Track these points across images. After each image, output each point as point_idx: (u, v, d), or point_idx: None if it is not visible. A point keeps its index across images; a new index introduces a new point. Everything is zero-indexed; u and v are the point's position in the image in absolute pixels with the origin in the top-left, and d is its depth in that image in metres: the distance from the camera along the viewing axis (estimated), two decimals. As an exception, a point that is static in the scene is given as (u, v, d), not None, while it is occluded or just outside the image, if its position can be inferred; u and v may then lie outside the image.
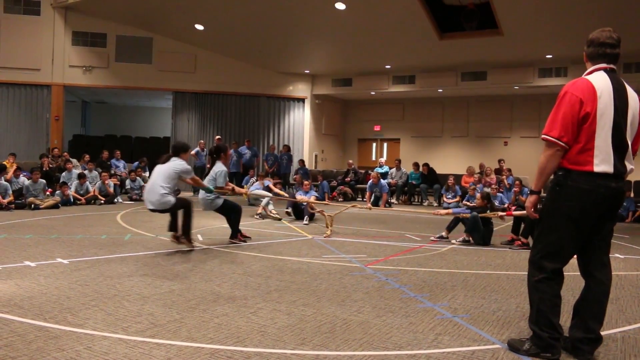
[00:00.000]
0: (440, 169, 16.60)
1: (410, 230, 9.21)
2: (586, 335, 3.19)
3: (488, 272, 5.78)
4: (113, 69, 17.76)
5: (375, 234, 8.74)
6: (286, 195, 11.71)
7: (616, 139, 3.05)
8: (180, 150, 6.55)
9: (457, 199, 13.86)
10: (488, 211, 7.66)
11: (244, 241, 7.11)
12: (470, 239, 7.71)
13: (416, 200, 16.34)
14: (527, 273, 3.30)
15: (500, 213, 7.60)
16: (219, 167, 7.07)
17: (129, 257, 6.06)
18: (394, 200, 15.76)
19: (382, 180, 14.42)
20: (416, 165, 16.06)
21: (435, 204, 14.96)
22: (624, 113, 3.09)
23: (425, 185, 15.38)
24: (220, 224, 8.78)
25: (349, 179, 16.75)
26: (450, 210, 8.18)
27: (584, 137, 3.04)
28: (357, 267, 5.82)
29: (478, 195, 8.06)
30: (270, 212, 10.56)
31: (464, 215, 7.71)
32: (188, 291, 4.59)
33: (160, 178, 6.23)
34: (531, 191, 3.27)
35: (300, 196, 10.69)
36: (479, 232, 7.60)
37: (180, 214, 6.47)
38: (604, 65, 3.18)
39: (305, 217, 10.13)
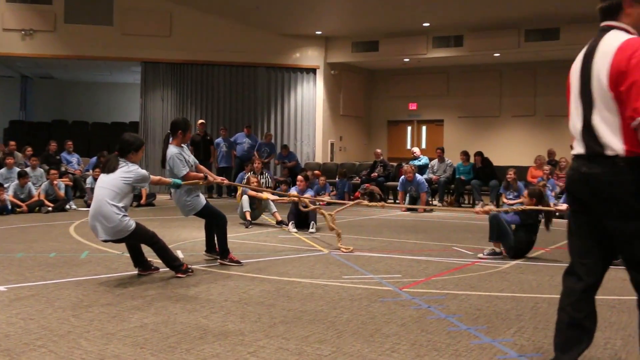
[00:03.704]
0: (498, 160, 16.52)
1: (459, 242, 9.17)
2: None
3: (565, 296, 5.74)
4: (61, 33, 17.92)
5: (413, 247, 8.71)
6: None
7: (585, 112, 3.30)
8: (129, 149, 6.26)
9: (522, 199, 13.76)
10: (541, 215, 7.65)
11: (238, 262, 7.09)
12: (500, 248, 7.79)
13: (466, 201, 16.26)
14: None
15: (559, 206, 7.60)
16: (170, 151, 6.89)
17: (86, 282, 6.09)
18: (436, 202, 15.71)
19: (419, 176, 14.39)
20: (466, 155, 16.00)
21: (493, 206, 14.85)
22: (589, 80, 3.28)
23: (478, 181, 15.32)
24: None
25: (376, 174, 16.75)
26: (492, 207, 8.15)
27: (569, 114, 3.47)
28: (389, 291, 5.80)
29: (525, 192, 8.10)
30: (282, 225, 10.57)
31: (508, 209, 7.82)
32: (166, 325, 4.61)
33: (107, 194, 6.01)
34: None
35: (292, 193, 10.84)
36: (507, 238, 7.65)
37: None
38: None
39: (312, 223, 10.21)
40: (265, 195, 11.05)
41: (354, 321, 4.77)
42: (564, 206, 7.65)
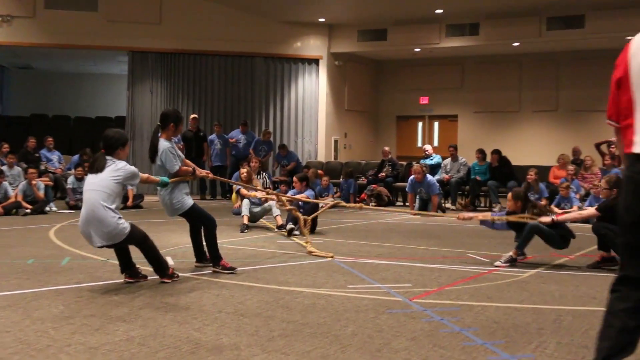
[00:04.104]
0: (517, 159, 16.52)
1: (474, 248, 9.16)
2: None
3: (591, 308, 5.72)
4: (42, 20, 17.95)
5: (424, 254, 8.69)
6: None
7: None
8: (116, 145, 6.29)
9: (543, 202, 13.74)
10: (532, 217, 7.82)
11: (232, 269, 7.07)
12: (511, 255, 7.85)
13: (482, 203, 16.24)
14: None
15: (545, 219, 7.70)
16: (162, 145, 6.90)
17: (67, 291, 6.09)
18: (449, 205, 15.69)
19: (429, 176, 14.37)
20: (482, 153, 16.00)
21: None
22: None
23: (496, 182, 15.30)
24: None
25: (384, 174, 16.74)
26: (478, 215, 8.33)
27: (623, 109, 3.40)
28: (398, 302, 5.79)
29: (509, 194, 8.31)
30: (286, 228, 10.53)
31: (497, 218, 8.00)
32: (154, 338, 4.60)
33: (99, 196, 6.03)
34: None
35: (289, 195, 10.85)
36: (550, 236, 7.76)
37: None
38: None
39: (289, 224, 10.25)
40: (254, 193, 11.07)
41: (360, 335, 4.75)
42: (547, 219, 7.69)
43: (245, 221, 10.85)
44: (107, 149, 6.29)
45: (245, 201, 11.15)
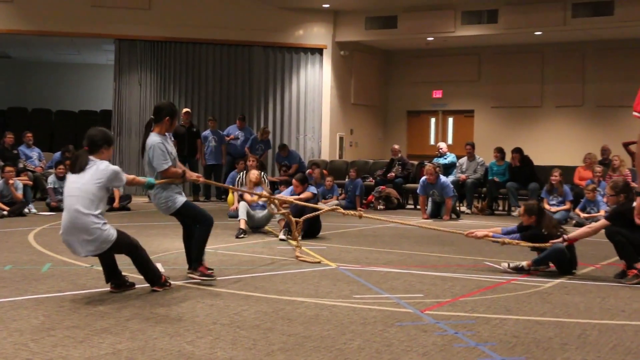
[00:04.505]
0: (539, 158, 16.51)
1: (492, 256, 9.14)
2: None
3: (619, 322, 5.72)
4: (20, 4, 17.98)
5: (436, 262, 8.69)
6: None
7: None
8: (101, 144, 6.28)
9: (567, 205, 13.76)
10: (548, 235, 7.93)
11: (211, 276, 7.03)
12: (523, 265, 7.92)
13: (501, 207, 16.21)
14: None
15: (557, 241, 7.76)
16: (151, 140, 6.86)
17: (48, 300, 6.09)
18: (464, 209, 15.67)
19: (443, 177, 14.35)
20: (500, 152, 15.99)
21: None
22: None
23: (516, 183, 15.29)
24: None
25: (393, 174, 16.74)
26: (489, 232, 8.44)
27: None
28: (408, 314, 5.79)
29: (520, 209, 8.41)
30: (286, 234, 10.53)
31: (508, 241, 8.10)
32: (143, 352, 4.60)
33: (81, 203, 6.01)
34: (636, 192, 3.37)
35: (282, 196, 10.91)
36: (565, 261, 7.85)
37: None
38: None
39: (283, 229, 10.31)
40: (256, 198, 10.91)
41: (367, 349, 4.75)
42: (559, 241, 7.72)
43: (243, 226, 10.77)
44: (92, 147, 6.28)
45: (242, 203, 11.10)
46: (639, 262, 7.47)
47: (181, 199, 6.95)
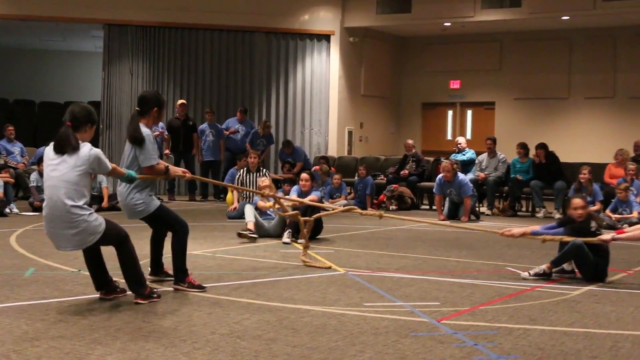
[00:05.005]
0: (566, 155, 16.50)
1: (514, 261, 9.14)
2: None
3: (654, 333, 5.71)
4: (3, -13, 17.97)
5: (454, 267, 8.68)
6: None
7: None
8: (84, 122, 6.20)
9: (597, 206, 13.72)
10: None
11: (201, 287, 6.89)
12: (544, 269, 7.82)
13: (524, 208, 16.17)
14: None
15: (606, 237, 7.68)
16: (142, 131, 6.75)
17: (32, 307, 6.09)
18: (484, 209, 15.65)
19: (461, 175, 14.33)
20: (524, 147, 15.96)
21: (559, 215, 14.81)
22: None
23: (540, 182, 15.27)
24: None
25: (407, 171, 16.73)
26: (528, 229, 8.28)
27: None
28: (423, 323, 5.78)
29: (574, 200, 8.14)
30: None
31: (550, 238, 7.94)
32: (134, 364, 4.61)
33: (63, 193, 5.94)
34: None
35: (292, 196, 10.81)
36: (587, 263, 7.70)
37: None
38: None
39: (287, 231, 10.26)
40: (270, 204, 10.70)
41: (379, 362, 4.76)
42: (608, 236, 7.65)
43: (251, 227, 10.61)
44: (74, 123, 6.18)
45: (248, 206, 10.94)
46: None
47: (156, 202, 6.84)
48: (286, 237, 10.32)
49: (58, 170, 6.03)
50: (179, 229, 6.90)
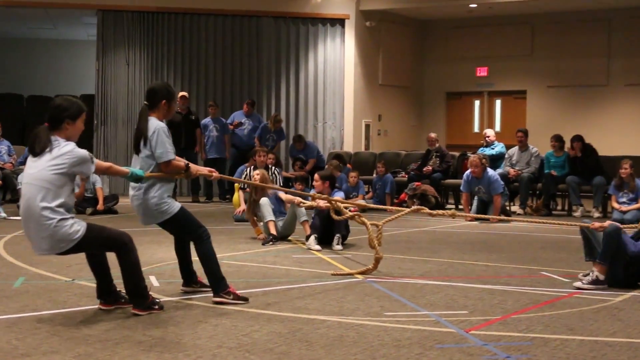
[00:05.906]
0: (605, 148, 16.47)
1: (550, 265, 9.12)
2: None
3: None
4: (-13, -29, 18.06)
5: (483, 272, 8.67)
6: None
7: None
8: (61, 118, 6.10)
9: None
10: None
11: (244, 300, 6.82)
12: (597, 274, 7.66)
13: (560, 206, 16.14)
14: None
15: None
16: (153, 124, 6.62)
17: (22, 320, 6.12)
18: (515, 208, 15.62)
19: (490, 170, 14.30)
20: (559, 140, 15.94)
21: (598, 214, 14.78)
22: None
23: (577, 178, 15.25)
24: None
25: (430, 168, 16.71)
26: (606, 223, 7.99)
27: None
28: (450, 334, 5.79)
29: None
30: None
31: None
32: (134, 381, 4.62)
33: (35, 192, 5.91)
34: None
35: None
36: (617, 261, 7.59)
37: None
38: None
39: (337, 236, 10.15)
40: (298, 199, 10.57)
41: (402, 377, 4.75)
42: None
43: (273, 230, 10.59)
44: (52, 123, 6.10)
45: (265, 200, 10.70)
46: None
47: (177, 203, 6.74)
48: (313, 243, 10.13)
49: (34, 168, 6.02)
50: (201, 233, 6.79)
